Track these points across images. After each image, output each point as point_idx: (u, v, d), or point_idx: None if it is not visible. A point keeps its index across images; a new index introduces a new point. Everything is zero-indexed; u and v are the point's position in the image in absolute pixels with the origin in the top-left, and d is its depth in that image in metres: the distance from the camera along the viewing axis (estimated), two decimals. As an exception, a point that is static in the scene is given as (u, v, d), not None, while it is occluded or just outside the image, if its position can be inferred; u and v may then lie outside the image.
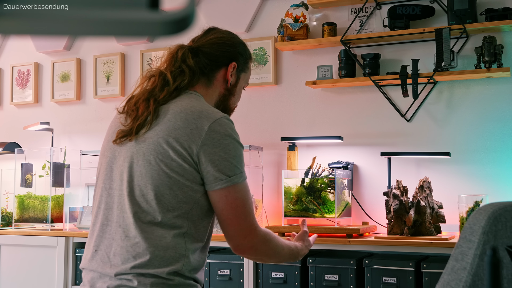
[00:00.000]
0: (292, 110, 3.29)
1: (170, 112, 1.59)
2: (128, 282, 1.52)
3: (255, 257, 1.72)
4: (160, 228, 1.54)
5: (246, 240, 1.63)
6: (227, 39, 1.78)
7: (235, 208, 1.58)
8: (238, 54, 1.78)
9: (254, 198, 3.03)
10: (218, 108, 1.76)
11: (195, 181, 1.56)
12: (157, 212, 1.53)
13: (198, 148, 1.54)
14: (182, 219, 1.56)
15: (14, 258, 3.20)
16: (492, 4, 2.92)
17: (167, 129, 1.56)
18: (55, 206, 3.37)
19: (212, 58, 1.73)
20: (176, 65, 1.68)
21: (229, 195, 1.57)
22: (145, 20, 0.57)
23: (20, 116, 3.98)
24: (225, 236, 1.65)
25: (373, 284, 2.50)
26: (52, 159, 3.38)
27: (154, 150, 1.56)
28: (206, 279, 2.76)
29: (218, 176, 1.54)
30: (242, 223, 1.60)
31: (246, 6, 3.41)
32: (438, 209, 2.65)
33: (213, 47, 1.74)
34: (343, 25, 3.18)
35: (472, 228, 1.15)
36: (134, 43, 3.69)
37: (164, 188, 1.54)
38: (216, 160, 1.54)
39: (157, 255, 1.52)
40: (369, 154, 3.10)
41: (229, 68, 1.75)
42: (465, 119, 2.96)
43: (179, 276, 1.55)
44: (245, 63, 1.81)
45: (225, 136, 1.56)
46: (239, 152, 1.58)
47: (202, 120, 1.56)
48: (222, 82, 1.76)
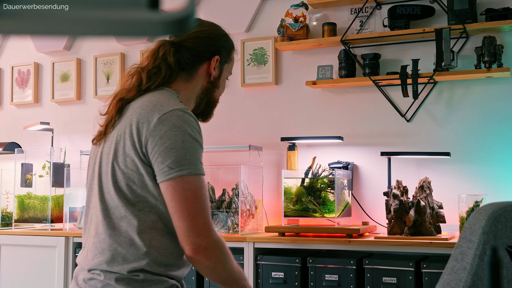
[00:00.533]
0: (292, 110, 3.29)
1: (130, 109, 1.62)
2: (97, 276, 1.57)
3: (208, 262, 1.55)
4: (126, 223, 1.56)
5: (200, 239, 1.53)
6: (210, 32, 1.78)
7: (184, 200, 1.52)
8: (221, 47, 1.79)
9: (254, 198, 3.03)
10: (202, 101, 1.78)
11: (149, 175, 1.55)
12: (121, 207, 1.56)
13: (145, 140, 1.54)
14: (146, 212, 1.56)
15: (14, 258, 3.20)
16: (492, 4, 2.92)
17: (124, 126, 1.60)
18: (55, 206, 3.37)
19: (195, 53, 1.73)
20: (156, 62, 1.70)
21: (177, 186, 1.51)
22: (145, 20, 0.57)
23: (20, 116, 3.98)
24: (179, 236, 1.54)
25: (373, 284, 2.50)
26: (52, 159, 3.38)
27: (112, 148, 1.60)
28: (206, 279, 2.75)
29: (163, 167, 1.52)
30: (195, 219, 1.52)
31: (246, 6, 3.41)
32: (438, 209, 2.65)
33: (196, 42, 1.74)
34: (343, 25, 3.18)
35: (472, 228, 1.15)
36: (134, 43, 3.69)
37: (122, 184, 1.57)
38: (162, 151, 1.52)
39: (119, 252, 1.55)
40: (369, 154, 3.10)
41: (212, 62, 1.75)
42: (465, 119, 2.96)
43: (145, 272, 1.55)
44: (227, 55, 1.82)
45: (174, 127, 1.53)
46: (188, 144, 1.53)
47: (153, 113, 1.56)
48: (205, 75, 1.76)
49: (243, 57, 3.40)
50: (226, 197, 2.99)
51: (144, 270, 1.54)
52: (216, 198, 3.02)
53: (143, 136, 1.55)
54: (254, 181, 3.09)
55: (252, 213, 2.99)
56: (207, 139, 3.42)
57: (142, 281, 1.54)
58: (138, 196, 1.56)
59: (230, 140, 3.41)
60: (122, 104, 1.65)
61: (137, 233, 1.55)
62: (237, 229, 2.85)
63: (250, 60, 3.38)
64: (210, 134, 3.45)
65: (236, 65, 3.44)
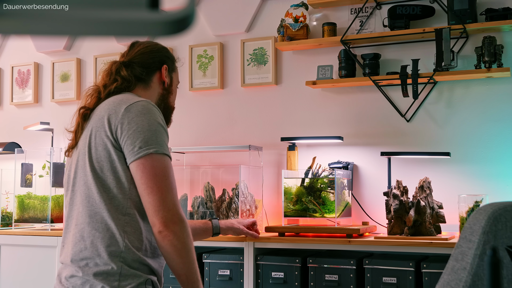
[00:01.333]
0: (292, 110, 3.29)
1: (97, 111, 1.78)
2: (76, 273, 1.69)
3: (176, 240, 1.64)
4: (101, 210, 1.67)
5: (170, 213, 1.63)
6: (153, 47, 1.98)
7: (154, 176, 1.63)
8: (165, 57, 1.99)
9: (254, 198, 3.03)
10: (160, 107, 1.92)
11: (120, 159, 1.68)
12: (96, 195, 1.68)
13: (115, 127, 1.69)
14: (119, 199, 1.67)
15: (14, 258, 3.20)
16: (492, 4, 2.92)
17: (95, 122, 1.75)
18: (55, 206, 3.37)
19: (145, 65, 1.93)
20: (111, 78, 1.88)
21: (146, 163, 1.64)
22: (145, 20, 0.57)
23: (20, 116, 3.98)
24: (149, 212, 1.64)
25: (373, 284, 2.50)
26: (52, 159, 3.38)
27: (87, 143, 1.74)
28: (206, 279, 2.76)
29: (132, 148, 1.65)
30: (165, 195, 1.63)
31: (246, 6, 3.41)
32: (438, 209, 2.65)
33: (143, 57, 1.94)
34: (343, 25, 3.18)
35: (472, 228, 1.15)
36: (134, 43, 3.69)
37: (98, 172, 1.70)
38: (130, 135, 1.66)
39: (97, 237, 1.67)
40: (369, 154, 3.10)
41: (162, 70, 1.95)
42: (465, 119, 2.96)
43: (123, 262, 1.65)
44: (172, 64, 2.02)
45: (140, 113, 1.69)
46: (154, 127, 1.68)
47: (121, 105, 1.73)
48: (159, 83, 1.96)
49: (243, 57, 3.40)
50: (226, 197, 2.99)
51: (122, 257, 1.64)
52: (216, 198, 3.02)
53: (112, 125, 1.69)
54: (254, 181, 3.09)
55: (252, 213, 2.99)
56: (207, 139, 3.44)
57: (119, 275, 1.62)
58: (112, 183, 1.68)
59: (230, 140, 3.41)
60: (85, 111, 1.81)
61: (112, 219, 1.66)
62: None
63: (250, 60, 3.38)
64: (210, 134, 3.45)
65: (236, 65, 3.46)
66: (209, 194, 3.01)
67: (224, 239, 2.76)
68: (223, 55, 3.47)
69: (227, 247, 2.87)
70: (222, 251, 2.86)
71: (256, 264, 2.69)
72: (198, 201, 3.02)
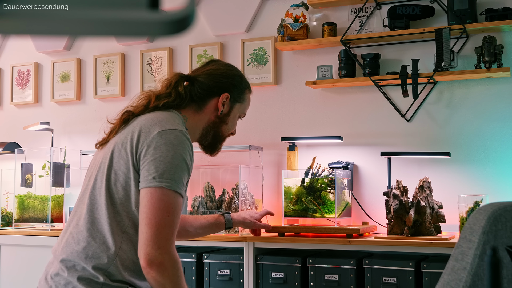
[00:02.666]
0: (292, 110, 3.29)
1: (136, 120, 1.74)
2: (62, 272, 1.69)
3: (160, 277, 1.58)
4: (104, 221, 1.66)
5: (157, 252, 1.57)
6: (223, 71, 1.91)
7: (157, 209, 1.59)
8: (232, 86, 1.90)
9: (254, 198, 3.03)
10: (208, 133, 1.91)
11: (135, 180, 1.66)
12: (103, 205, 1.67)
13: (141, 147, 1.65)
14: (123, 216, 1.66)
15: (14, 258, 3.20)
16: (492, 4, 2.92)
17: (127, 132, 1.71)
18: (55, 206, 3.37)
19: (204, 87, 1.86)
20: (168, 90, 1.83)
21: (155, 194, 1.60)
22: (145, 20, 0.57)
23: (20, 116, 3.98)
24: (139, 243, 1.60)
25: (373, 284, 2.50)
26: (52, 159, 3.38)
27: (111, 150, 1.71)
28: (206, 279, 2.76)
29: (147, 175, 1.61)
30: (160, 231, 1.58)
31: (246, 6, 3.41)
32: (438, 209, 2.65)
33: (208, 78, 1.88)
34: (343, 25, 3.18)
35: (472, 228, 1.15)
36: (134, 43, 3.69)
37: (111, 184, 1.68)
38: (151, 161, 1.61)
39: (92, 246, 1.67)
40: (369, 154, 3.10)
41: (221, 98, 1.87)
42: (465, 119, 2.96)
43: (107, 276, 1.63)
44: (240, 94, 1.93)
45: (169, 143, 1.63)
46: (176, 162, 1.62)
47: (155, 126, 1.67)
48: (213, 110, 1.88)
49: (243, 57, 3.40)
50: (226, 197, 2.99)
51: (108, 272, 1.62)
52: (216, 198, 3.02)
53: (140, 143, 1.65)
54: (254, 181, 3.09)
55: (252, 213, 2.98)
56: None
57: (102, 285, 1.61)
58: (120, 199, 1.66)
59: (230, 140, 3.39)
60: (128, 116, 1.77)
61: (111, 233, 1.64)
62: (237, 229, 2.84)
63: (250, 60, 3.38)
64: (210, 134, 3.45)
65: (236, 65, 3.42)
66: (209, 194, 3.01)
67: (224, 239, 2.76)
68: (223, 55, 3.47)
69: (227, 247, 2.87)
70: (222, 251, 2.86)
71: (256, 264, 2.69)
72: (198, 201, 3.02)
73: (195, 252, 2.79)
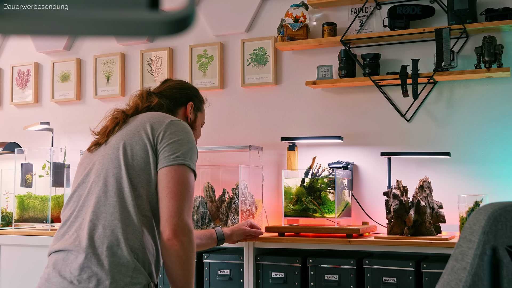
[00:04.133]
0: (292, 110, 3.29)
1: (137, 118, 1.88)
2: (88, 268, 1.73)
3: (182, 251, 1.70)
4: (131, 206, 1.73)
5: (183, 223, 1.71)
6: (182, 84, 2.14)
7: (181, 184, 1.74)
8: (193, 96, 2.14)
9: (254, 198, 3.03)
10: None
11: (154, 163, 1.77)
12: (128, 192, 1.75)
13: (158, 133, 1.79)
14: (143, 199, 1.75)
15: (14, 258, 3.20)
16: (492, 4, 2.92)
17: (135, 127, 1.83)
18: (55, 206, 3.37)
19: (172, 99, 2.06)
20: (143, 101, 1.99)
21: (178, 170, 1.74)
22: (145, 20, 0.57)
23: (20, 116, 3.98)
24: (164, 217, 1.71)
25: (373, 284, 2.50)
26: (52, 159, 3.38)
27: (121, 146, 1.80)
28: (206, 279, 2.76)
29: (170, 155, 1.76)
30: (185, 203, 1.73)
31: (246, 6, 3.41)
32: (438, 209, 2.65)
33: (172, 91, 2.09)
34: (343, 25, 3.18)
35: (472, 228, 1.15)
36: (134, 43, 3.69)
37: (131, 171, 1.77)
38: (171, 143, 1.77)
39: (123, 229, 1.73)
40: (369, 154, 3.10)
41: (188, 107, 2.10)
42: (465, 119, 2.96)
43: (137, 258, 1.71)
44: (199, 104, 2.17)
45: (182, 130, 1.83)
46: (191, 146, 1.82)
47: (165, 118, 1.86)
48: (183, 118, 2.08)
49: (243, 57, 3.40)
50: (226, 197, 2.99)
51: (137, 254, 1.69)
52: (216, 198, 3.02)
53: (155, 130, 1.80)
54: (254, 181, 3.09)
55: (252, 213, 2.99)
56: (207, 139, 3.43)
57: (133, 270, 1.67)
58: (141, 182, 1.76)
59: (230, 140, 3.41)
60: (124, 117, 1.91)
61: (136, 215, 1.73)
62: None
63: (250, 60, 3.38)
64: (210, 134, 3.45)
65: (236, 65, 3.46)
66: (209, 194, 3.01)
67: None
68: (223, 55, 3.47)
69: (227, 247, 2.87)
70: (222, 251, 2.86)
71: (256, 264, 2.69)
72: (198, 201, 3.02)
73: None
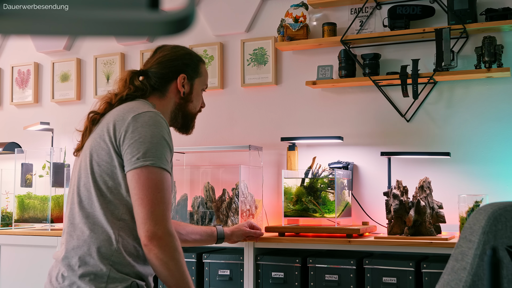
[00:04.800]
0: (292, 110, 3.29)
1: (106, 116, 1.80)
2: (64, 272, 1.73)
3: (161, 253, 1.65)
4: (98, 213, 1.70)
5: (156, 227, 1.63)
6: (171, 55, 1.96)
7: (146, 188, 1.64)
8: (184, 65, 1.96)
9: (254, 198, 3.03)
10: (177, 116, 1.96)
11: (120, 166, 1.70)
12: (94, 198, 1.71)
13: (119, 134, 1.70)
14: (116, 204, 1.70)
15: (14, 258, 3.20)
16: (492, 4, 2.92)
17: (102, 127, 1.77)
18: (55, 206, 3.37)
19: (159, 76, 1.92)
20: (125, 86, 1.88)
21: (141, 174, 1.65)
22: (145, 20, 0.57)
23: (20, 116, 3.98)
24: (137, 223, 1.66)
25: (373, 284, 2.50)
26: (52, 159, 3.38)
27: (90, 146, 1.76)
28: (206, 279, 2.76)
29: (131, 157, 1.67)
30: (154, 208, 1.64)
31: (246, 6, 3.41)
32: (438, 209, 2.65)
33: (159, 66, 1.93)
34: (343, 25, 3.18)
35: (472, 228, 1.15)
36: (134, 43, 3.69)
37: (97, 176, 1.73)
38: (131, 144, 1.67)
39: (92, 237, 1.71)
40: (369, 154, 3.10)
41: (179, 80, 1.94)
42: (465, 119, 2.96)
43: (112, 266, 1.68)
44: (195, 70, 1.99)
45: (146, 124, 1.70)
46: (156, 140, 1.68)
47: (129, 113, 1.74)
48: (176, 93, 1.94)
49: (243, 57, 3.40)
50: (226, 197, 2.99)
51: (112, 260, 1.66)
52: (216, 198, 3.02)
53: (117, 131, 1.71)
54: (254, 181, 3.09)
55: (252, 213, 2.99)
56: (207, 139, 3.43)
57: (108, 277, 1.65)
58: (109, 188, 1.70)
59: (230, 140, 3.41)
60: (94, 116, 1.83)
61: (108, 222, 1.68)
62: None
63: (250, 60, 3.38)
64: (210, 134, 3.45)
65: (236, 65, 3.46)
66: (209, 194, 3.01)
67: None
68: (223, 55, 3.47)
69: (227, 247, 2.87)
70: (222, 251, 2.86)
71: (256, 264, 2.69)
72: (198, 201, 3.02)
73: (195, 252, 2.79)
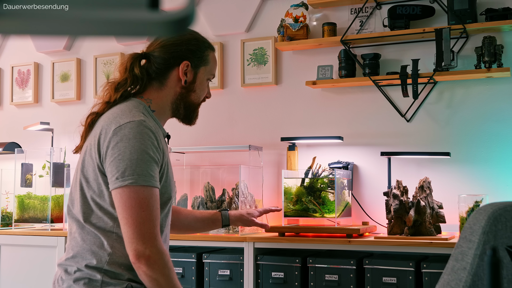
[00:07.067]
0: (292, 110, 3.29)
1: (99, 121, 1.73)
2: (62, 275, 1.75)
3: (150, 271, 1.59)
4: (91, 226, 1.69)
5: (143, 246, 1.58)
6: (175, 39, 1.79)
7: (129, 208, 1.59)
8: (189, 52, 1.80)
9: (254, 198, 3.03)
10: (179, 107, 1.83)
11: (105, 184, 1.66)
12: (87, 212, 1.70)
13: (102, 151, 1.64)
14: (106, 219, 1.68)
15: (14, 258, 3.20)
16: (492, 4, 2.92)
17: (91, 138, 1.72)
18: (55, 206, 3.37)
19: (160, 61, 1.78)
20: (124, 75, 1.77)
21: (123, 194, 1.59)
22: (145, 20, 0.57)
23: (20, 116, 3.98)
24: (125, 241, 1.61)
25: (373, 284, 2.50)
26: (52, 159, 3.38)
27: (81, 159, 1.73)
28: (206, 279, 2.76)
29: (111, 176, 1.61)
30: (140, 227, 1.58)
31: (246, 6, 3.41)
32: (438, 209, 2.65)
33: (162, 50, 1.78)
34: (343, 25, 3.18)
35: (472, 228, 1.15)
36: (134, 43, 3.69)
37: (86, 192, 1.70)
38: (111, 162, 1.61)
39: (84, 248, 1.71)
40: (369, 154, 3.10)
41: (181, 67, 1.78)
42: (465, 119, 2.96)
43: (104, 272, 1.67)
44: (201, 57, 1.83)
45: (126, 138, 1.61)
46: (135, 156, 1.59)
47: (112, 124, 1.65)
48: (177, 81, 1.80)
49: (243, 57, 3.40)
50: (226, 197, 2.99)
51: (104, 269, 1.65)
52: (216, 198, 3.02)
53: (100, 147, 1.65)
54: (254, 181, 3.09)
55: (252, 213, 2.98)
56: (207, 139, 3.43)
57: (101, 282, 1.65)
58: (98, 204, 1.67)
59: (230, 140, 3.41)
60: (93, 118, 1.76)
61: (101, 234, 1.67)
62: (237, 229, 2.85)
63: (250, 60, 3.38)
64: (210, 134, 3.45)
65: (236, 65, 3.46)
66: (209, 194, 3.01)
67: (224, 239, 2.76)
68: (223, 55, 3.47)
69: (227, 247, 2.87)
70: (222, 251, 2.86)
71: (256, 264, 2.69)
72: (198, 201, 3.02)
73: (195, 252, 2.79)
